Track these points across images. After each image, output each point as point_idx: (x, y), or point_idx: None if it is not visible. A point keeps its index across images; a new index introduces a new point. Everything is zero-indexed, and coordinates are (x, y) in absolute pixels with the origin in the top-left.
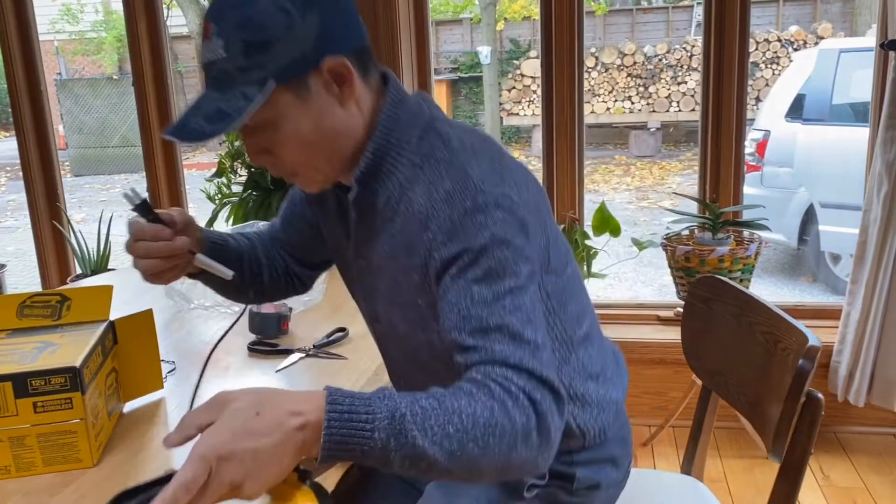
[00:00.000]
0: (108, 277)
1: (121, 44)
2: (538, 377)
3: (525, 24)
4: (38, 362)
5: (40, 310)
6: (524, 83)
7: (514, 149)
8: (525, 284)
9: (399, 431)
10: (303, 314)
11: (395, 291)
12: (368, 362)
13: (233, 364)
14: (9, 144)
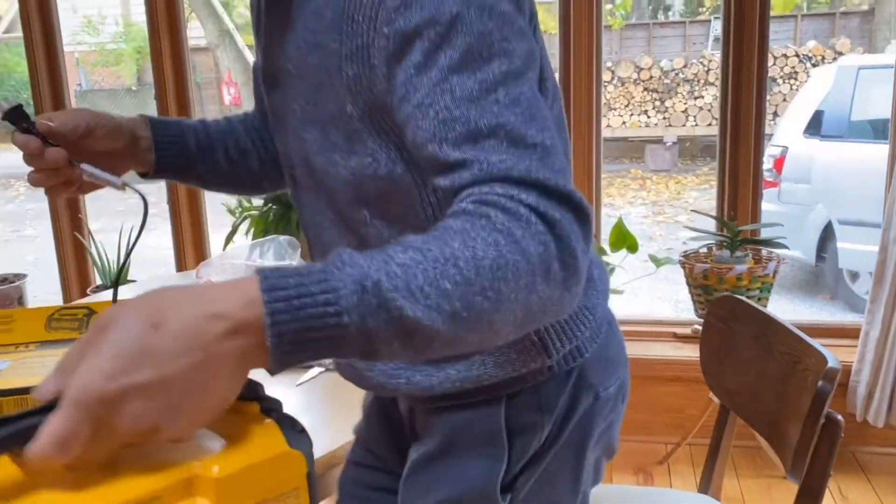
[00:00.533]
0: (129, 289)
1: (140, 55)
2: (552, 190)
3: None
4: None
5: (68, 322)
6: None
7: None
8: (522, 69)
9: (378, 305)
10: None
11: (314, 102)
12: None
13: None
14: None
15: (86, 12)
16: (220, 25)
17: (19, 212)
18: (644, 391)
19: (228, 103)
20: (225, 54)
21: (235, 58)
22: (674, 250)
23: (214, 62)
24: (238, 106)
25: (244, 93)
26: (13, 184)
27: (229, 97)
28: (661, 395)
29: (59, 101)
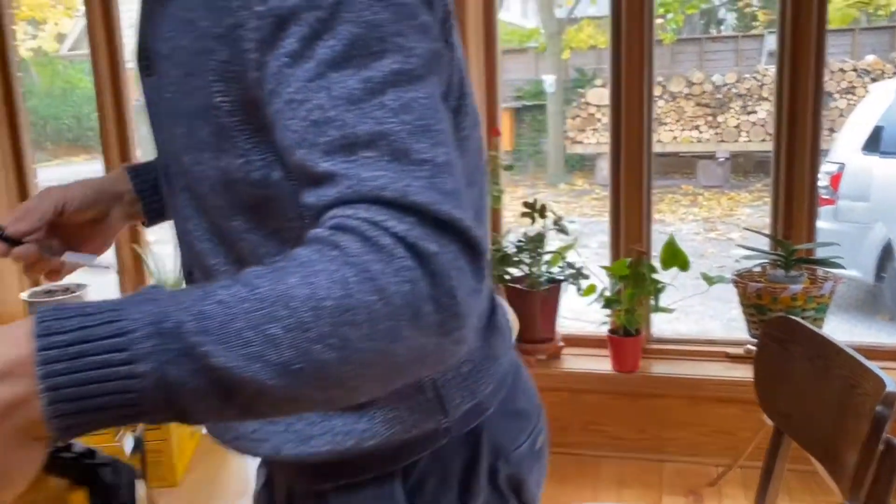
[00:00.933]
0: None
1: None
2: (434, 216)
3: (591, 52)
4: None
5: None
6: (589, 111)
7: (578, 176)
8: (420, 71)
9: (179, 352)
10: None
11: (182, 92)
12: None
13: None
14: (88, 167)
15: None
16: None
17: None
18: (694, 411)
19: None
20: None
21: None
22: (726, 268)
23: None
24: None
25: None
26: None
27: None
28: (711, 416)
29: (121, 115)
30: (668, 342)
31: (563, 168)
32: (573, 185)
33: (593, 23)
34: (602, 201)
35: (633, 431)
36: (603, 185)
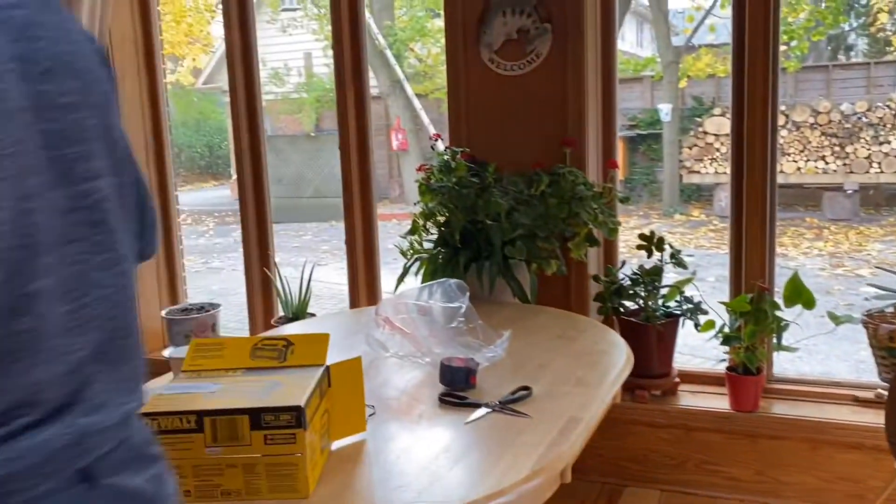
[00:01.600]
0: (313, 323)
1: (318, 104)
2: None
3: (709, 81)
4: (270, 399)
5: (269, 352)
6: (707, 141)
7: (694, 207)
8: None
9: None
10: (488, 370)
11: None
12: (553, 422)
13: (425, 413)
14: (217, 192)
15: (273, 65)
16: (391, 76)
17: (208, 245)
18: (816, 456)
19: (396, 148)
20: (395, 102)
21: (404, 106)
22: (854, 306)
23: (385, 110)
24: (405, 150)
25: (411, 139)
26: (203, 219)
27: (397, 142)
28: (835, 462)
29: (256, 147)
30: (791, 382)
31: (678, 198)
32: (689, 215)
33: (712, 51)
34: (719, 233)
35: (750, 473)
36: (721, 217)
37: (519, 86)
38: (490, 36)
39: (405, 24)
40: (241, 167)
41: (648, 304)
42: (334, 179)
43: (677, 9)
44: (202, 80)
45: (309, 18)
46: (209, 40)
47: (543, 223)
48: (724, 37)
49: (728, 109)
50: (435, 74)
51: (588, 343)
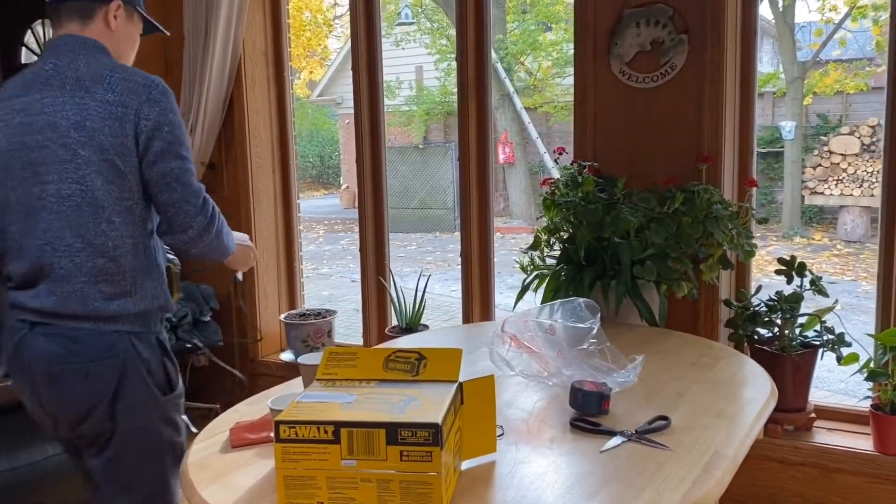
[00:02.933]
0: (430, 336)
1: (428, 116)
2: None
3: (836, 98)
4: (406, 415)
5: (402, 364)
6: (832, 161)
7: (817, 230)
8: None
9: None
10: (620, 395)
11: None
12: (695, 457)
13: (556, 437)
14: (327, 201)
15: (386, 77)
16: (501, 89)
17: (318, 252)
18: None
19: (503, 161)
20: (503, 115)
21: (512, 119)
22: None
23: (493, 122)
24: (511, 163)
25: (517, 153)
26: (314, 227)
27: (503, 155)
28: None
29: (377, 156)
30: None
31: (799, 220)
32: (811, 239)
33: (841, 66)
34: (844, 258)
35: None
36: (846, 241)
37: (651, 99)
38: (622, 47)
39: (517, 37)
40: (361, 177)
41: (785, 332)
42: (440, 191)
43: (803, 22)
44: (317, 93)
45: (422, 33)
46: (326, 53)
47: (676, 243)
48: (854, 51)
49: (857, 128)
50: (545, 88)
51: (726, 372)
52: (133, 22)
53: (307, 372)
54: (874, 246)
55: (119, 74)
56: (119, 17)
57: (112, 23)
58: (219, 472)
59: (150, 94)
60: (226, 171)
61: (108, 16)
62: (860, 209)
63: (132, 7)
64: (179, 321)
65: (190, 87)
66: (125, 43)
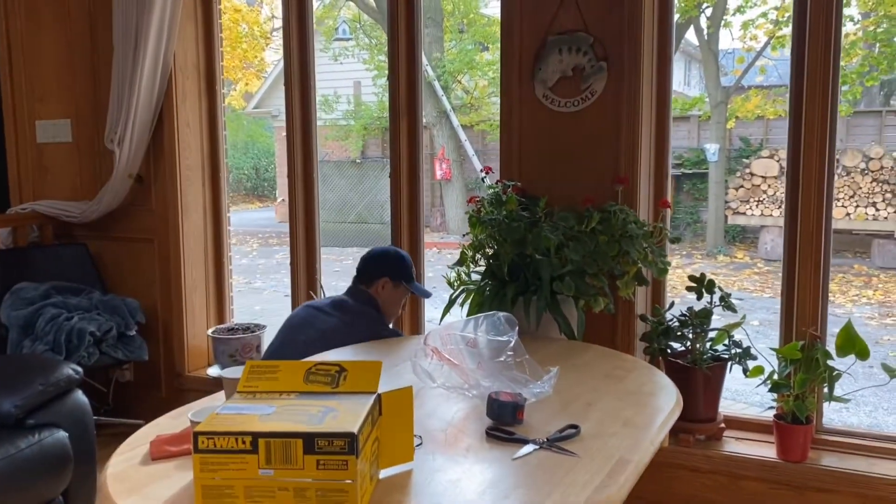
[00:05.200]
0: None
1: (366, 131)
2: None
3: (758, 123)
4: (323, 425)
5: (322, 377)
6: (753, 182)
7: (739, 248)
8: None
9: None
10: (535, 406)
11: None
12: (601, 463)
13: (472, 446)
14: (262, 214)
15: (323, 91)
16: (438, 106)
17: (251, 265)
18: None
19: (440, 177)
20: (440, 132)
21: (449, 136)
22: None
23: (430, 139)
24: (448, 180)
25: (454, 169)
26: (248, 240)
27: (441, 172)
28: None
29: (308, 170)
30: (841, 434)
31: (722, 239)
32: (733, 257)
33: (761, 92)
34: (764, 276)
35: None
36: (766, 259)
37: (572, 122)
38: (545, 73)
39: (454, 56)
40: (293, 191)
41: (696, 346)
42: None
43: (727, 49)
44: (253, 105)
45: (360, 48)
46: (262, 66)
47: (593, 260)
48: (774, 79)
49: (776, 152)
50: (481, 106)
51: (636, 383)
52: None
53: (230, 385)
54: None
55: None
56: None
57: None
58: (137, 485)
59: None
60: (154, 185)
61: None
62: (779, 229)
63: None
64: (104, 335)
65: (119, 100)
66: None
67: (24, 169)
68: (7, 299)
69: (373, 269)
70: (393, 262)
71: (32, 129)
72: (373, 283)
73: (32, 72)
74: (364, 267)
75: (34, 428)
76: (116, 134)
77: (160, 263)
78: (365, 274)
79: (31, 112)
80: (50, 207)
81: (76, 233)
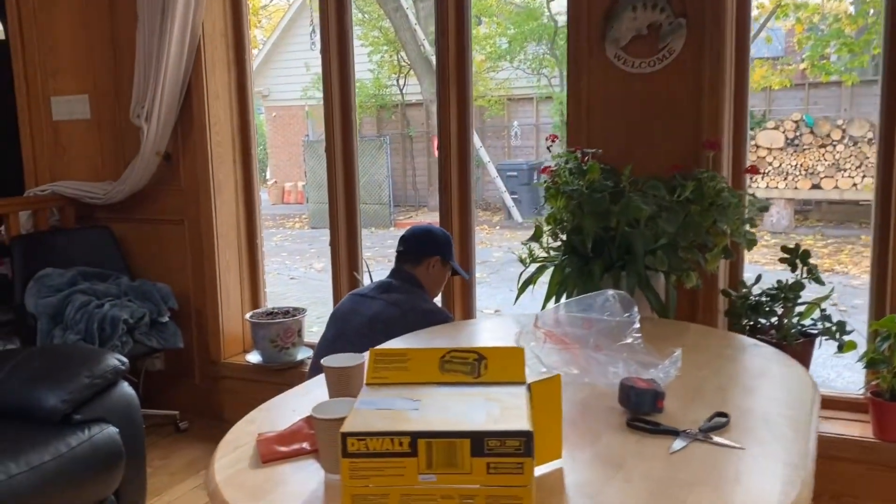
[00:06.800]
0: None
1: (361, 110)
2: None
3: (762, 94)
4: (488, 422)
5: (459, 365)
6: (759, 154)
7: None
8: None
9: None
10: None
11: None
12: (773, 454)
13: (616, 440)
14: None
15: (317, 70)
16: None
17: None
18: None
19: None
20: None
21: None
22: None
23: (426, 116)
24: None
25: None
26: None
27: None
28: None
29: (349, 152)
30: None
31: None
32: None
33: (766, 63)
34: (772, 249)
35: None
36: (772, 232)
37: (648, 84)
38: (617, 31)
39: None
40: (332, 171)
41: (783, 321)
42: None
43: None
44: None
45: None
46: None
47: (687, 232)
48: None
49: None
50: (478, 82)
51: (757, 364)
52: None
53: (334, 376)
54: (798, 237)
55: None
56: None
57: None
58: (256, 491)
59: None
60: (183, 162)
61: None
62: (785, 201)
63: None
64: (137, 322)
65: (145, 72)
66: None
67: (39, 148)
68: (32, 287)
69: (423, 248)
70: (442, 241)
71: (47, 106)
72: (421, 263)
73: (45, 44)
74: (411, 247)
75: (82, 424)
76: (144, 109)
77: (192, 245)
78: (413, 253)
79: (46, 87)
80: (71, 189)
81: (98, 215)
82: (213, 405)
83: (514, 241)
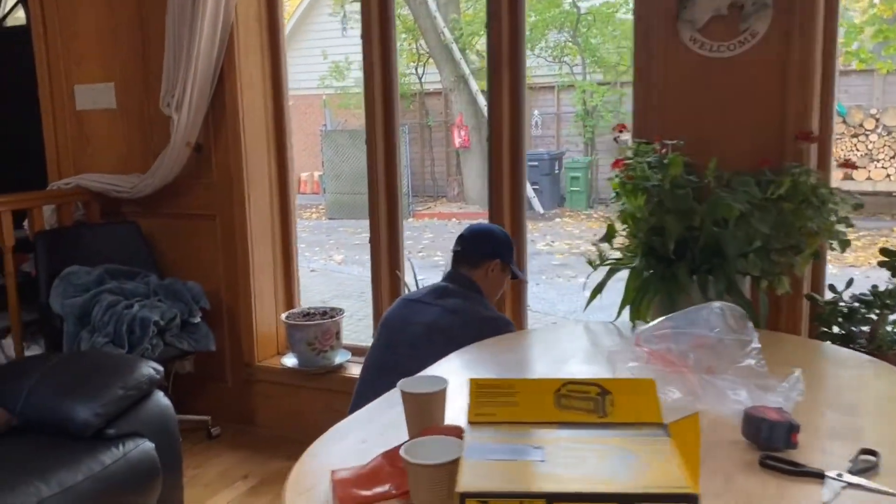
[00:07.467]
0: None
1: None
2: None
3: None
4: (636, 480)
5: (580, 402)
6: None
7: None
8: None
9: None
10: None
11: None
12: None
13: (749, 482)
14: None
15: (334, 58)
16: (456, 71)
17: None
18: None
19: (458, 145)
20: (459, 98)
21: (468, 101)
22: None
23: (445, 105)
24: (467, 148)
25: (473, 136)
26: None
27: (459, 139)
28: None
29: (390, 144)
30: None
31: None
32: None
33: None
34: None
35: None
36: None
37: (727, 69)
38: (693, 12)
39: (470, 18)
40: (373, 165)
41: (877, 330)
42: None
43: None
44: None
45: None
46: None
47: (782, 233)
48: None
49: None
50: None
51: (879, 383)
52: None
53: (416, 404)
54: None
55: None
56: None
57: None
58: None
59: None
60: (215, 154)
61: None
62: None
63: None
64: (168, 324)
65: (175, 58)
66: None
67: (62, 140)
68: (58, 286)
69: (482, 250)
70: (504, 243)
71: (71, 95)
72: (480, 266)
73: (69, 30)
74: (470, 248)
75: (116, 439)
76: (174, 97)
77: (223, 242)
78: (472, 255)
79: (69, 75)
80: (96, 182)
81: (124, 210)
82: (245, 410)
83: (534, 233)
